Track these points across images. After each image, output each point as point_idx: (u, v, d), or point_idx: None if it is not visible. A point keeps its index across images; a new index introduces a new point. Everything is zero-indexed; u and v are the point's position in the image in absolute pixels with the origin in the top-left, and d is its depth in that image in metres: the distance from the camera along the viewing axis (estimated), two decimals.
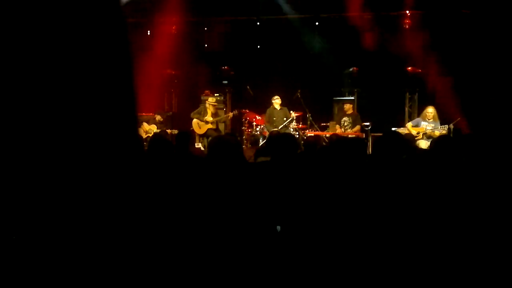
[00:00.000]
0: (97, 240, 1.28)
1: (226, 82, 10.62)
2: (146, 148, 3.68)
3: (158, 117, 9.37)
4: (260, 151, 4.74)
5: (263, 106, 9.46)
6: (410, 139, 7.28)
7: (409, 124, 8.15)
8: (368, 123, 8.95)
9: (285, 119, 8.89)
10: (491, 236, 2.31)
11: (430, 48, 9.04)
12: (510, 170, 2.71)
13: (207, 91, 10.13)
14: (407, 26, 9.48)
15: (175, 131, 8.73)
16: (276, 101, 9.02)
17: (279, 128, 8.54)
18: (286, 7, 9.84)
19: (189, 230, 2.34)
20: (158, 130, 8.88)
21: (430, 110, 7.89)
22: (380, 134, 6.41)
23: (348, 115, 8.92)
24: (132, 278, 1.39)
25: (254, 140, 8.43)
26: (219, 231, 2.34)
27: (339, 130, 8.68)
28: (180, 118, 10.28)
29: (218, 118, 9.50)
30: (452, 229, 2.36)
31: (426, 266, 2.23)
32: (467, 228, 2.36)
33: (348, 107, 8.98)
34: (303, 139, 8.39)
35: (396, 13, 9.64)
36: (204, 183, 2.54)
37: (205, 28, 10.59)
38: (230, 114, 9.89)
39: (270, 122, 8.95)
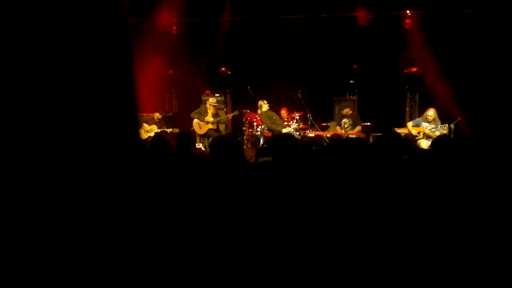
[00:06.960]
0: (99, 241, 1.28)
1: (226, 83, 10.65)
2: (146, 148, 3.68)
3: (156, 115, 9.37)
4: (261, 152, 4.74)
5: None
6: (410, 139, 7.27)
7: (409, 124, 8.11)
8: (368, 123, 8.96)
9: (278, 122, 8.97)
10: (492, 236, 2.32)
11: (430, 48, 9.04)
12: (510, 170, 2.71)
13: (207, 91, 10.13)
14: (407, 26, 9.48)
15: (177, 130, 8.75)
16: (266, 105, 9.06)
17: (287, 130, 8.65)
18: None
19: (190, 230, 2.35)
20: (159, 130, 8.89)
21: (431, 113, 7.82)
22: (381, 134, 6.41)
23: (347, 117, 8.92)
24: (133, 278, 1.39)
25: (255, 140, 8.41)
26: (220, 231, 2.34)
27: (339, 131, 8.68)
28: (180, 119, 10.29)
29: (218, 119, 9.50)
30: (453, 229, 2.36)
31: (426, 266, 2.24)
32: (468, 228, 2.36)
33: (346, 111, 8.98)
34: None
35: (396, 13, 9.65)
36: (206, 183, 2.55)
37: (205, 28, 10.59)
38: (230, 115, 9.89)
39: (274, 122, 8.93)
